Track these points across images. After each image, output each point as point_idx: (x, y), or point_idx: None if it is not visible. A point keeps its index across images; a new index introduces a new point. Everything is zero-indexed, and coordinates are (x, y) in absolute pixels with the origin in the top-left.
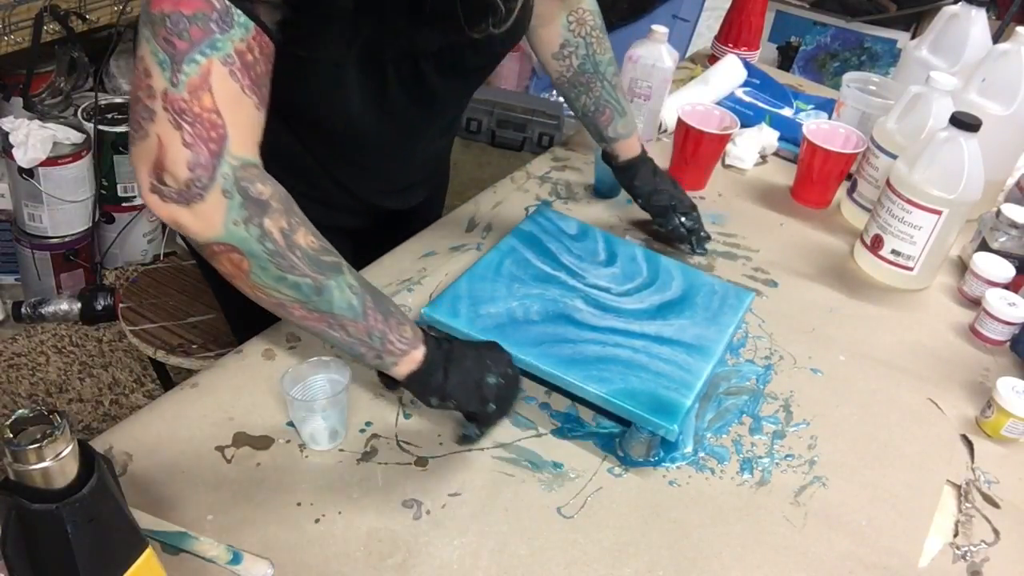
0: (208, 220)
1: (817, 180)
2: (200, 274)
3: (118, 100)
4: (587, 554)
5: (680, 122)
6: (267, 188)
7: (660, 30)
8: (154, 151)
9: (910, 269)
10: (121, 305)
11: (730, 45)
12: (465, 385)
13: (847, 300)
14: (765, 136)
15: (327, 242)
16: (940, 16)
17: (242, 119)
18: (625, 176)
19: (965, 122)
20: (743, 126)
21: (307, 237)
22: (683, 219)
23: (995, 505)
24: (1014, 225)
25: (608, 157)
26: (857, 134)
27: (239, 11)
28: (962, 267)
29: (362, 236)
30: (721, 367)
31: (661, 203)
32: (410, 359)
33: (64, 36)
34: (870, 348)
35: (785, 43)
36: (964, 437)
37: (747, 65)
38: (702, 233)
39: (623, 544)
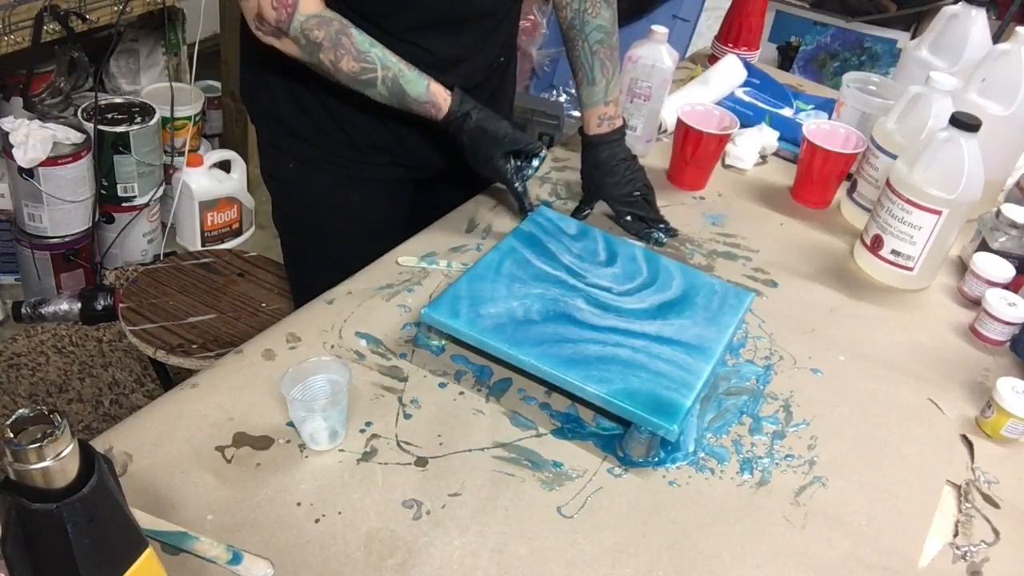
0: (290, 48)
1: (817, 180)
2: (200, 275)
3: (118, 100)
4: (587, 554)
5: (680, 122)
6: (321, 32)
7: (660, 30)
8: (255, 9)
9: (910, 269)
10: (121, 305)
11: (730, 45)
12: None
13: (847, 300)
14: (765, 136)
15: (369, 55)
16: (940, 16)
17: None
18: (584, 158)
19: (965, 122)
20: (743, 126)
21: (350, 63)
22: (629, 217)
23: (995, 505)
24: (1014, 225)
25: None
26: (857, 134)
27: None
28: (962, 267)
29: (405, 199)
30: (721, 367)
31: (603, 195)
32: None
33: (64, 36)
34: (870, 348)
35: (785, 43)
36: (964, 437)
37: (747, 65)
38: (648, 230)
39: (623, 544)
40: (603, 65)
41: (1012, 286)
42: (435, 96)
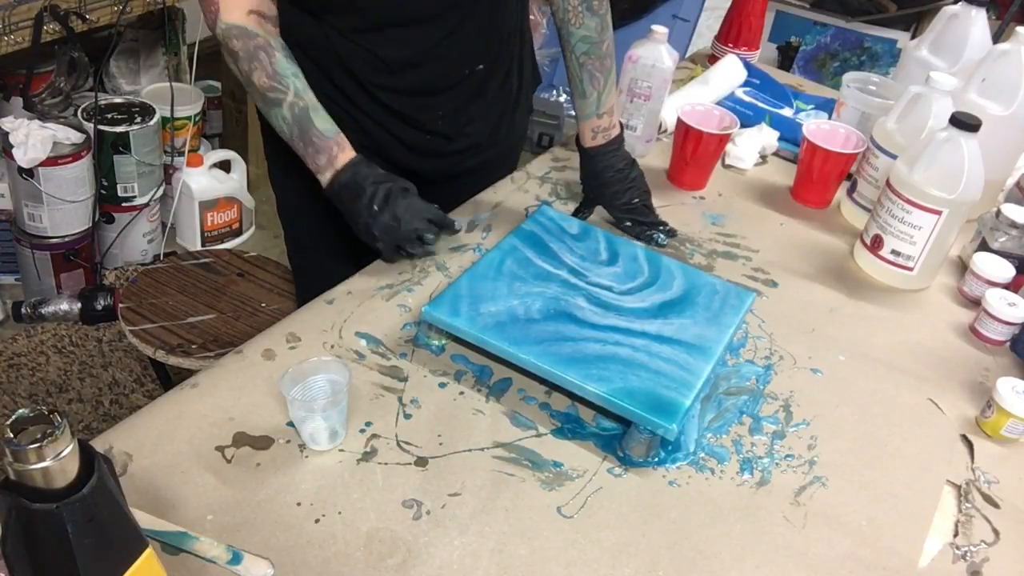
0: (223, 50)
1: (817, 180)
2: (199, 275)
3: (118, 100)
4: (587, 554)
5: (680, 122)
6: (239, 43)
7: (660, 30)
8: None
9: (910, 269)
10: (121, 305)
11: (730, 45)
12: (358, 220)
13: (847, 300)
14: (765, 136)
15: (284, 79)
16: (940, 16)
17: None
18: (581, 165)
19: (965, 122)
20: (743, 126)
21: (261, 78)
22: (628, 223)
23: (995, 505)
24: (1014, 225)
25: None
26: (857, 134)
27: None
28: (962, 267)
29: None
30: (721, 367)
31: (601, 203)
32: (322, 179)
33: (64, 36)
34: (870, 348)
35: (785, 43)
36: (964, 437)
37: (747, 65)
38: (648, 231)
39: (623, 544)
40: (592, 77)
41: (1012, 286)
42: (342, 140)
